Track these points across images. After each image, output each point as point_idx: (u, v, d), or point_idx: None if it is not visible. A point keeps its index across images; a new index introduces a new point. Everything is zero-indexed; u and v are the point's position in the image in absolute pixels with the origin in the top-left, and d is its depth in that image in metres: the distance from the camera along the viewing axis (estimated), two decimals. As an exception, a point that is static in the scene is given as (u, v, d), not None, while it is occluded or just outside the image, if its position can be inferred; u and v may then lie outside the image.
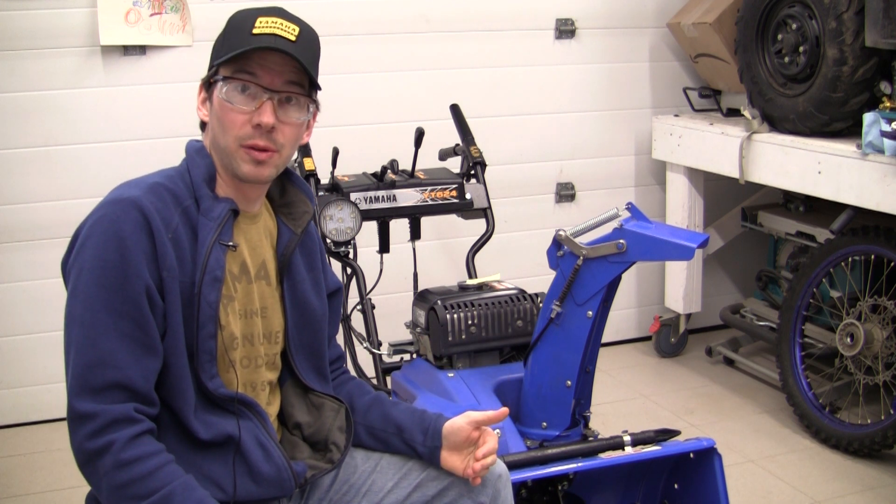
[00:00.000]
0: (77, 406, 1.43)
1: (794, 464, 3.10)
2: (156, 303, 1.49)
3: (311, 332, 1.73)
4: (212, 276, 1.53)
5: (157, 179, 1.56)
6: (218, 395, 1.55)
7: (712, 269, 4.25)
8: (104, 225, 1.47)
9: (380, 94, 3.73)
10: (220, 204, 1.58)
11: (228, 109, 1.56)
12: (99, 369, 1.43)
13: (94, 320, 1.44)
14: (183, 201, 1.56)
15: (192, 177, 1.59)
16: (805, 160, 3.17)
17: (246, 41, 1.55)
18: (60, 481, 2.98)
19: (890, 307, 3.06)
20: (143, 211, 1.48)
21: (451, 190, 2.80)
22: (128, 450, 1.42)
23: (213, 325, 1.53)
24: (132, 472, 1.41)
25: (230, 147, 1.57)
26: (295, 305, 1.70)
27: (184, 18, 3.41)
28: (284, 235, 1.70)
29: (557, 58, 3.94)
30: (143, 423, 1.45)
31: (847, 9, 2.96)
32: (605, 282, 2.05)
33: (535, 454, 2.00)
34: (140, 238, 1.47)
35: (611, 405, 3.58)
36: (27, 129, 3.34)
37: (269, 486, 1.59)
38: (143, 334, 1.46)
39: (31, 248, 3.39)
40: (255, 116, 1.55)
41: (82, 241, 1.48)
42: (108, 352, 1.44)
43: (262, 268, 1.66)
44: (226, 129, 1.57)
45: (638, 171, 4.18)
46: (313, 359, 1.75)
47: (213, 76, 1.59)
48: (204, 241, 1.53)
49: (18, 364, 3.46)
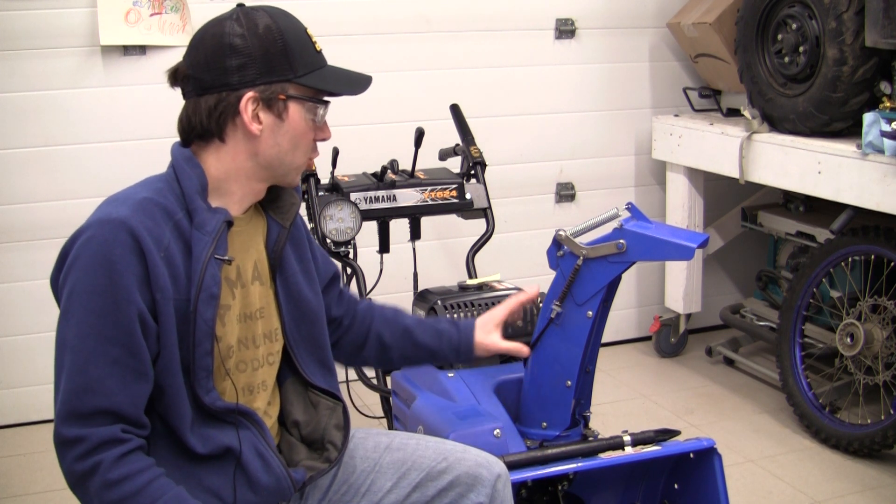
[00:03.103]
0: (64, 432, 1.42)
1: (794, 464, 3.10)
2: (149, 326, 1.46)
3: (309, 324, 1.72)
4: (208, 293, 1.50)
5: (145, 194, 1.51)
6: (215, 409, 1.53)
7: (712, 269, 4.25)
8: (93, 247, 1.43)
9: (380, 94, 3.70)
10: (214, 216, 1.54)
11: (308, 129, 1.60)
12: (87, 396, 1.41)
13: (83, 346, 1.42)
14: (174, 215, 1.51)
15: (182, 188, 1.54)
16: (805, 160, 3.17)
17: (318, 60, 1.61)
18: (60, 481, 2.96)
19: (890, 307, 3.06)
20: (133, 233, 1.44)
21: (451, 190, 2.80)
22: (115, 469, 1.41)
23: (209, 341, 1.51)
24: (122, 490, 1.41)
25: (299, 164, 1.61)
26: (289, 300, 1.69)
27: (184, 18, 3.41)
28: (273, 230, 1.68)
29: (557, 58, 3.94)
30: (130, 442, 1.44)
31: (847, 9, 2.96)
32: (605, 282, 2.05)
33: (535, 454, 2.00)
34: (130, 261, 1.43)
35: (611, 405, 3.58)
36: (27, 129, 3.34)
37: (268, 495, 1.59)
38: (133, 360, 1.44)
39: (31, 248, 3.39)
40: (320, 133, 1.62)
41: (71, 263, 1.45)
42: (97, 378, 1.42)
43: (255, 269, 1.65)
44: (302, 148, 1.61)
45: (638, 171, 4.18)
46: (315, 351, 1.74)
47: (285, 92, 1.55)
48: (199, 256, 1.50)
49: (18, 364, 3.46)
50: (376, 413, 3.03)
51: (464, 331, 1.98)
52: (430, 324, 1.97)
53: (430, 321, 1.99)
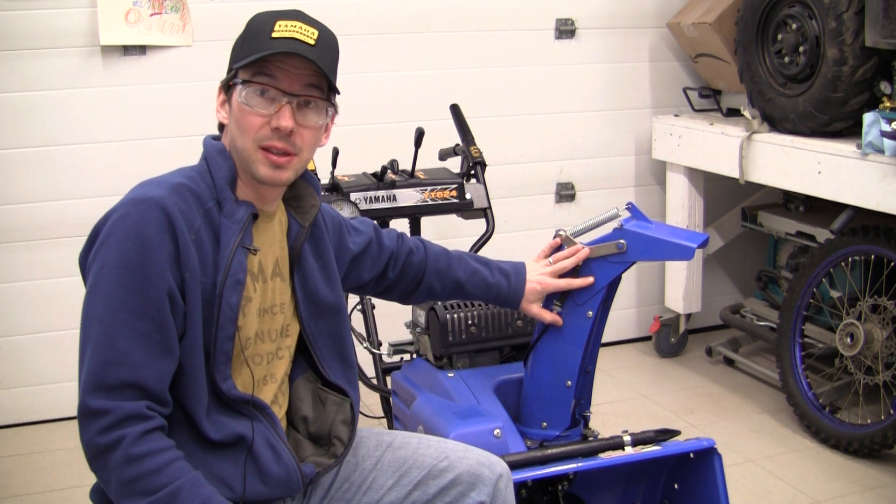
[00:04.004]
0: (89, 402, 1.43)
1: (794, 464, 3.10)
2: (177, 304, 1.49)
3: (327, 319, 1.75)
4: (234, 278, 1.54)
5: (179, 180, 1.56)
6: (230, 397, 1.56)
7: (712, 269, 4.25)
8: (127, 224, 1.47)
9: (380, 94, 3.73)
10: (241, 207, 1.58)
11: (247, 112, 1.56)
12: (114, 368, 1.43)
13: (112, 319, 1.44)
14: (205, 202, 1.56)
15: (213, 178, 1.59)
16: (805, 160, 3.17)
17: (265, 45, 1.55)
18: (60, 481, 2.98)
19: (890, 307, 3.06)
20: (166, 211, 1.48)
21: (451, 190, 2.80)
22: (138, 445, 1.42)
23: (231, 327, 1.54)
24: (142, 466, 1.42)
25: (248, 149, 1.58)
26: (306, 297, 1.72)
27: (184, 18, 3.41)
28: (293, 229, 1.72)
29: (557, 58, 3.94)
30: (154, 420, 1.45)
31: (847, 9, 2.96)
32: (605, 282, 2.05)
33: (535, 454, 2.00)
34: (163, 239, 1.47)
35: (611, 405, 3.58)
36: (27, 129, 3.34)
37: (277, 486, 1.60)
38: (161, 335, 1.47)
39: (31, 248, 3.39)
40: (274, 120, 1.56)
41: (104, 239, 1.48)
42: (125, 351, 1.44)
43: (276, 265, 1.68)
44: (244, 131, 1.58)
45: (638, 171, 4.18)
46: (335, 345, 1.77)
47: (232, 79, 1.59)
48: (227, 243, 1.54)
49: (18, 364, 3.46)
50: (376, 413, 3.04)
51: (514, 289, 2.08)
52: (482, 276, 2.07)
53: (483, 272, 2.07)
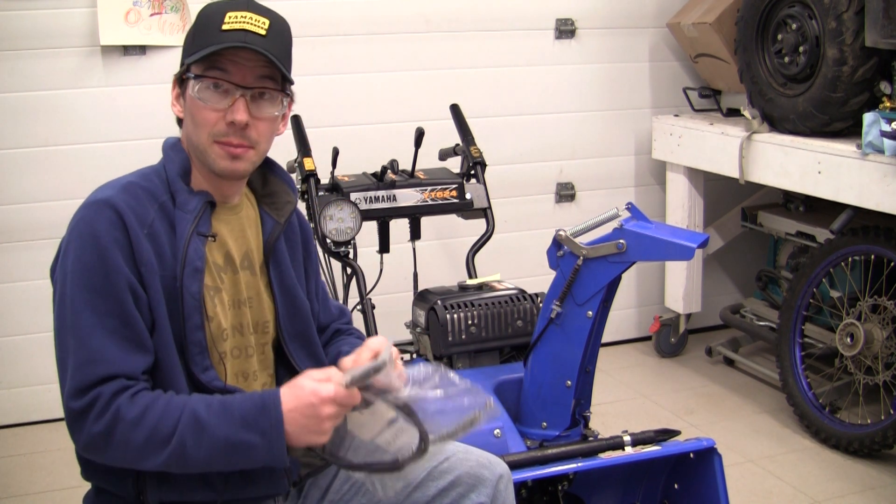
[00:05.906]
0: (73, 405, 1.43)
1: (794, 464, 3.10)
2: (139, 296, 1.49)
3: (301, 320, 1.74)
4: (192, 267, 1.54)
5: (131, 179, 1.58)
6: (212, 388, 1.55)
7: (712, 269, 4.25)
8: (80, 228, 1.50)
9: (380, 94, 3.73)
10: (195, 197, 1.59)
11: (201, 107, 1.57)
12: (90, 367, 1.44)
13: (80, 322, 1.45)
14: (159, 197, 1.57)
15: (167, 172, 1.60)
16: (805, 160, 3.17)
17: (216, 38, 1.55)
18: (60, 481, 2.98)
19: (890, 307, 3.06)
20: (115, 209, 1.50)
21: (451, 190, 2.80)
22: (132, 407, 1.43)
23: (198, 315, 1.54)
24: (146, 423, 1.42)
25: (203, 143, 1.58)
26: (283, 292, 1.71)
27: (184, 18, 3.41)
28: (268, 224, 1.71)
29: (557, 58, 3.94)
30: (136, 385, 1.46)
31: (847, 9, 2.96)
32: (605, 282, 2.05)
33: (535, 454, 2.00)
34: (116, 236, 1.49)
35: (611, 405, 3.58)
36: (27, 129, 3.34)
37: (261, 484, 1.59)
38: (129, 331, 1.47)
39: (30, 248, 3.39)
40: (229, 114, 1.56)
41: (63, 249, 1.51)
42: (98, 349, 1.45)
43: (245, 257, 1.68)
44: (199, 126, 1.58)
45: (638, 171, 4.18)
46: (307, 346, 1.76)
47: (184, 73, 1.59)
48: (182, 233, 1.55)
49: (18, 364, 3.46)
50: (376, 413, 3.03)
51: None
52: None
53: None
